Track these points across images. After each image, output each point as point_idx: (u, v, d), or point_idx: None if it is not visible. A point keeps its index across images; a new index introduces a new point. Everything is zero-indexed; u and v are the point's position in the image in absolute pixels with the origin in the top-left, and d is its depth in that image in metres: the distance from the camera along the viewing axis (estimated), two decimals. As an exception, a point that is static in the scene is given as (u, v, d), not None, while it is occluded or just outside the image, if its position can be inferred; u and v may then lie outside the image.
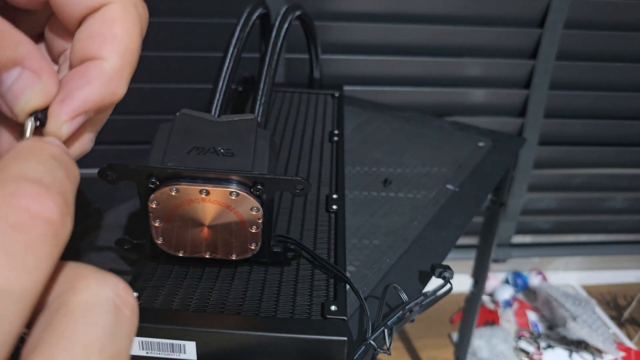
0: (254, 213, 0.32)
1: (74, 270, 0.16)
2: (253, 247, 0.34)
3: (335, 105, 0.62)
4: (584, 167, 1.11)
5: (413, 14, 0.94)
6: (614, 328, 1.11)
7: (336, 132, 0.55)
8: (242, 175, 0.31)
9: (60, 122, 0.19)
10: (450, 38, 0.96)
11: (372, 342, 0.33)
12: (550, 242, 1.22)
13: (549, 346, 1.05)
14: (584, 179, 1.13)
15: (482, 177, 0.57)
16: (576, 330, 1.03)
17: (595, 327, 1.03)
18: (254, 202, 0.31)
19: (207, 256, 0.34)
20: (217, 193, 0.31)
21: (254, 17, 0.44)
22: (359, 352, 0.32)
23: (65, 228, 0.15)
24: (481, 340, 1.03)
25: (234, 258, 0.35)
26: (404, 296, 0.36)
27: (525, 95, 1.02)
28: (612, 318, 1.14)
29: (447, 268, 0.39)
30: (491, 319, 1.11)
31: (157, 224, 0.32)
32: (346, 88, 0.67)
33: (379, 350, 0.33)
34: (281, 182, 0.31)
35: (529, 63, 0.99)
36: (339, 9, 0.92)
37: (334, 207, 0.43)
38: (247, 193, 0.31)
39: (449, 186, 0.54)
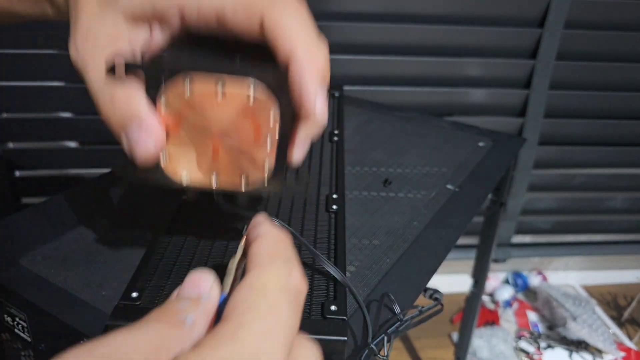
0: (270, 122, 0.29)
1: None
2: (266, 172, 0.31)
3: (335, 105, 0.62)
4: (583, 167, 1.11)
5: (413, 14, 0.94)
6: (614, 328, 1.11)
7: (336, 132, 0.55)
8: (260, 70, 0.28)
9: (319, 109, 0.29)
10: (450, 38, 0.96)
11: (373, 347, 0.33)
12: (550, 242, 1.22)
13: (549, 346, 1.05)
14: (583, 179, 1.13)
15: (482, 177, 0.57)
16: (576, 331, 1.02)
17: (596, 327, 1.02)
18: (271, 107, 0.29)
19: (214, 186, 0.31)
20: (233, 90, 0.28)
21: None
22: (364, 354, 0.32)
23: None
24: (481, 340, 1.03)
25: (243, 188, 0.31)
26: (397, 308, 0.36)
27: (526, 95, 1.02)
28: (612, 318, 1.14)
29: (437, 291, 0.40)
30: (491, 319, 1.11)
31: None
32: (346, 88, 0.67)
33: (378, 356, 0.33)
34: None
35: (529, 63, 0.99)
36: (339, 9, 0.92)
37: (334, 207, 0.43)
38: (264, 94, 0.28)
39: (449, 186, 0.54)
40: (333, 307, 0.32)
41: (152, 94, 0.28)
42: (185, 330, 0.18)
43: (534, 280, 1.21)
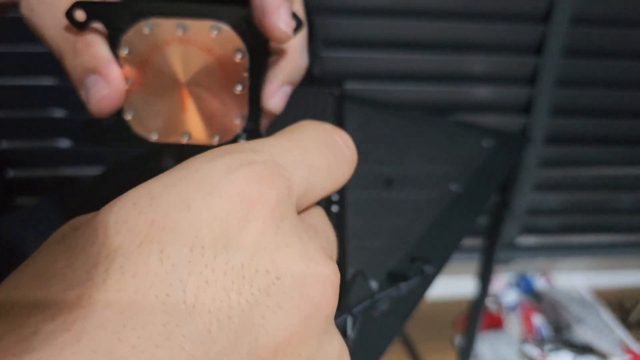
0: (238, 60, 0.28)
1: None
2: (238, 123, 0.29)
3: (335, 103, 0.61)
4: (590, 165, 1.10)
5: (416, 9, 0.92)
6: (620, 331, 1.09)
7: (336, 130, 0.54)
8: (225, 11, 0.28)
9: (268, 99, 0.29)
10: (454, 34, 0.94)
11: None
12: (555, 243, 1.20)
13: (554, 350, 1.03)
14: (590, 178, 1.12)
15: (486, 177, 0.55)
16: (581, 334, 1.01)
17: (601, 330, 1.01)
18: (237, 42, 0.28)
19: (185, 141, 0.30)
20: (196, 28, 0.27)
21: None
22: None
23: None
24: (485, 344, 1.02)
25: (215, 142, 0.30)
26: (373, 285, 0.34)
27: (531, 92, 1.00)
28: (619, 321, 1.12)
29: (428, 261, 0.36)
30: (495, 323, 1.09)
31: (127, 86, 0.28)
32: (348, 86, 0.66)
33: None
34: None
35: (534, 59, 0.97)
36: (341, 5, 0.91)
37: (335, 208, 0.42)
38: (229, 27, 0.27)
39: (453, 186, 0.53)
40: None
41: (114, 45, 0.28)
42: None
43: (539, 283, 1.19)
